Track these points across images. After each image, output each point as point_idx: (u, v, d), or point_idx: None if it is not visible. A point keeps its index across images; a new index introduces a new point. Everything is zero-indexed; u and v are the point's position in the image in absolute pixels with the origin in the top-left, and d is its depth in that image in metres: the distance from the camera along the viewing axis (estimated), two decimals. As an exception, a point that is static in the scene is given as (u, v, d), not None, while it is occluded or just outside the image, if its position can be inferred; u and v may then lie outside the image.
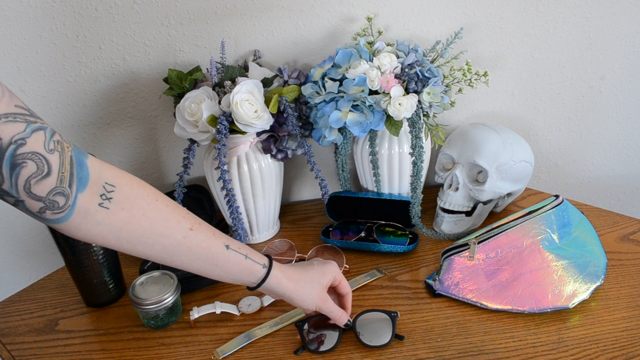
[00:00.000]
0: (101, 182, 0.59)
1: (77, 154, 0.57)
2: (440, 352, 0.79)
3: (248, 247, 0.73)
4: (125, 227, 0.61)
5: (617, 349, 0.77)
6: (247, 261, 0.71)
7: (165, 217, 0.64)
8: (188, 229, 0.66)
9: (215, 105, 0.93)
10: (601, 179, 1.31)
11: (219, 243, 0.68)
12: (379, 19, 1.06)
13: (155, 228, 0.63)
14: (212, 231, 0.69)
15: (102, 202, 0.59)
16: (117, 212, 0.60)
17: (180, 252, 0.66)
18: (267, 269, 0.73)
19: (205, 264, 0.68)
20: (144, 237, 0.63)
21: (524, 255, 0.85)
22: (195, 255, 0.67)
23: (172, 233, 0.64)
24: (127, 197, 0.61)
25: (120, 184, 0.60)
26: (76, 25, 0.99)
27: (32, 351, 0.85)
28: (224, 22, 1.03)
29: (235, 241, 0.71)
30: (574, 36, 1.13)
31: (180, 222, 0.65)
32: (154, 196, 0.64)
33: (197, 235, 0.66)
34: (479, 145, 1.01)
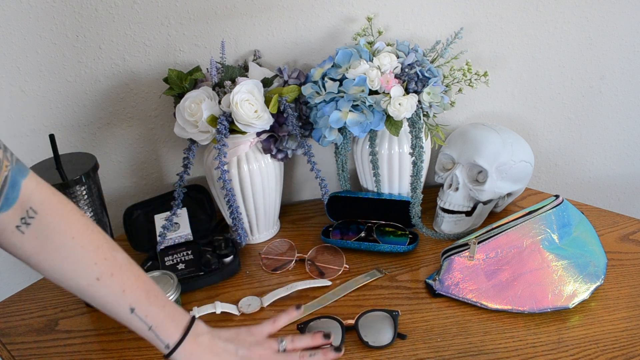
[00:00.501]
0: (27, 205, 0.58)
1: (14, 174, 0.56)
2: (440, 352, 0.79)
3: (164, 314, 0.65)
4: (34, 256, 0.60)
5: (617, 349, 0.77)
6: (149, 333, 0.65)
7: (75, 259, 0.61)
8: (95, 279, 0.62)
9: (215, 105, 0.93)
10: (601, 179, 1.30)
11: (124, 304, 0.64)
12: (379, 19, 1.06)
13: (61, 267, 0.61)
14: (124, 286, 0.63)
15: (20, 225, 0.58)
16: (29, 240, 0.59)
17: (84, 296, 0.64)
18: (169, 350, 0.65)
19: (113, 316, 0.65)
20: (51, 270, 0.61)
21: (524, 255, 0.85)
22: (99, 304, 0.64)
23: (76, 277, 0.62)
24: (45, 227, 0.59)
25: (44, 211, 0.59)
26: (76, 25, 0.99)
27: (32, 351, 0.85)
28: (224, 22, 1.03)
29: (151, 304, 0.65)
30: (574, 36, 1.13)
31: (90, 269, 0.62)
32: (72, 233, 0.60)
33: (102, 288, 0.62)
34: (479, 145, 1.01)
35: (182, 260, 0.99)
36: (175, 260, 0.99)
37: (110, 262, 0.63)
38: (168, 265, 0.97)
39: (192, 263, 0.98)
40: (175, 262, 0.98)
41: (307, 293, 0.93)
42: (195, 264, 0.98)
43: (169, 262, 0.98)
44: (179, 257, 0.99)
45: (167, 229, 1.01)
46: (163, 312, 0.66)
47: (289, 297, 0.92)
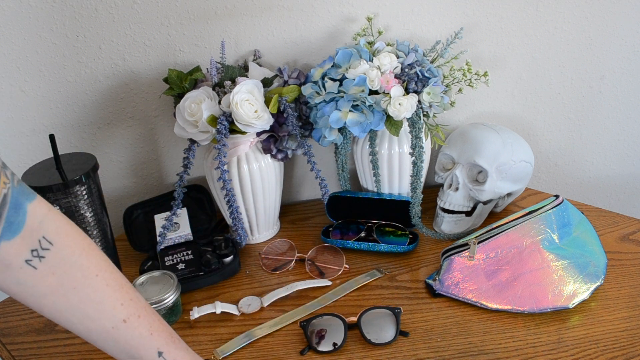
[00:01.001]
0: (38, 235, 0.49)
1: (16, 194, 0.48)
2: (440, 352, 0.79)
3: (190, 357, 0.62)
4: (50, 295, 0.51)
5: (617, 349, 0.77)
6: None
7: (100, 298, 0.54)
8: (121, 320, 0.56)
9: (215, 105, 0.93)
10: (601, 179, 1.31)
11: (152, 347, 0.58)
12: (379, 19, 1.06)
13: (83, 307, 0.54)
14: (152, 329, 0.58)
15: (32, 259, 0.49)
16: (45, 276, 0.50)
17: (106, 340, 0.57)
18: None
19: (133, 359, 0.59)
20: (68, 312, 0.53)
21: (524, 255, 0.85)
22: (120, 348, 0.57)
23: (100, 318, 0.55)
24: (63, 261, 0.51)
25: (61, 243, 0.51)
26: (76, 25, 0.99)
27: (32, 351, 0.85)
28: (224, 22, 1.03)
29: (177, 348, 0.61)
30: (574, 36, 1.13)
31: (116, 309, 0.55)
32: (95, 269, 0.54)
33: (129, 331, 0.56)
34: (479, 145, 1.01)
35: (182, 260, 0.99)
36: (175, 260, 0.99)
37: (136, 303, 0.58)
38: (168, 265, 0.97)
39: (192, 263, 0.98)
40: (175, 262, 0.98)
41: (307, 293, 0.93)
42: (195, 264, 0.98)
43: (169, 262, 0.98)
44: (179, 257, 0.99)
45: (167, 229, 1.01)
46: (188, 356, 0.62)
47: (288, 297, 0.92)
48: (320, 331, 0.82)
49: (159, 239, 1.00)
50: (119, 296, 0.56)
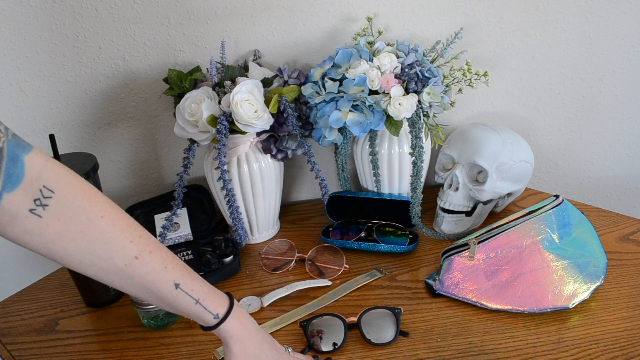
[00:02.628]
0: (39, 184, 0.50)
1: (12, 146, 0.49)
2: (440, 352, 0.79)
3: (207, 287, 0.64)
4: (58, 241, 0.53)
5: (617, 349, 0.77)
6: (196, 307, 0.62)
7: (108, 238, 0.55)
8: (133, 257, 0.57)
9: (215, 105, 0.93)
10: (601, 179, 1.31)
11: (167, 280, 0.59)
12: (379, 19, 1.06)
13: (93, 249, 0.55)
14: (165, 263, 0.59)
15: (35, 208, 0.50)
16: (50, 223, 0.51)
17: (121, 279, 0.58)
18: (218, 321, 0.64)
19: (149, 295, 0.60)
20: (80, 256, 0.55)
21: (524, 255, 0.85)
22: (137, 285, 0.58)
23: (112, 258, 0.56)
24: (67, 207, 0.52)
25: (62, 190, 0.52)
26: (76, 25, 0.99)
27: (32, 351, 0.85)
28: (224, 22, 1.03)
29: (193, 279, 0.62)
30: (574, 36, 1.13)
31: (126, 247, 0.56)
32: (99, 211, 0.55)
33: (142, 266, 0.57)
34: (479, 145, 1.01)
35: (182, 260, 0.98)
36: (175, 260, 0.98)
37: (145, 240, 0.58)
38: (168, 265, 0.97)
39: (192, 263, 0.98)
40: (175, 262, 0.98)
41: (307, 293, 0.93)
42: (195, 264, 0.98)
43: (169, 262, 0.98)
44: (179, 257, 0.99)
45: (167, 229, 1.01)
46: (206, 286, 0.64)
47: (289, 297, 0.92)
48: (320, 331, 0.82)
49: (159, 239, 1.00)
50: (127, 234, 0.56)
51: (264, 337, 0.69)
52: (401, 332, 0.82)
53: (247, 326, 0.67)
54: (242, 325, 0.67)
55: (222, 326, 0.65)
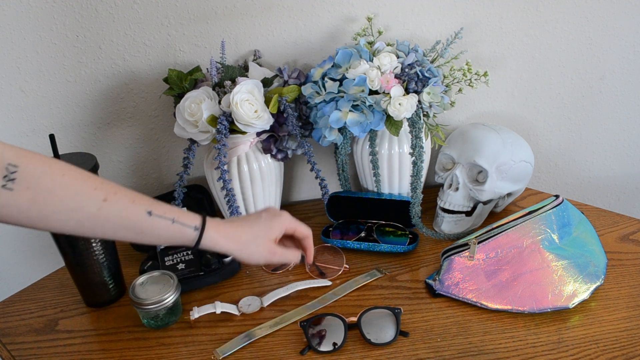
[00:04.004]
0: (4, 163, 0.57)
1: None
2: (440, 352, 0.79)
3: (177, 208, 0.69)
4: (32, 206, 0.59)
5: (617, 349, 0.77)
6: (174, 226, 0.68)
7: (74, 191, 0.61)
8: (102, 200, 0.63)
9: (215, 105, 0.93)
10: (601, 179, 1.31)
11: (139, 211, 0.65)
12: (379, 19, 1.06)
13: (65, 204, 0.61)
14: (132, 198, 0.65)
15: (5, 183, 0.57)
16: (21, 193, 0.58)
17: (98, 224, 0.63)
18: (199, 231, 0.70)
19: (130, 233, 0.66)
20: (55, 214, 0.61)
21: (524, 255, 0.85)
22: (115, 225, 0.64)
23: (83, 207, 0.62)
24: (31, 175, 0.59)
25: (24, 163, 0.58)
26: (76, 25, 0.99)
27: (32, 351, 0.85)
28: (224, 22, 1.03)
29: (161, 204, 0.67)
30: (574, 36, 1.13)
31: (92, 194, 0.62)
32: (60, 171, 0.61)
33: (113, 206, 0.63)
34: (479, 145, 1.01)
35: (182, 260, 0.99)
36: (175, 260, 0.99)
37: (107, 185, 0.64)
38: (168, 265, 0.97)
39: (192, 263, 0.98)
40: (175, 262, 0.98)
41: (307, 293, 0.93)
42: (195, 264, 0.98)
43: (169, 262, 0.98)
44: (179, 257, 0.99)
45: (167, 229, 1.00)
46: (176, 208, 0.69)
47: (289, 297, 0.92)
48: (320, 331, 0.82)
49: (159, 239, 1.00)
50: (90, 183, 0.63)
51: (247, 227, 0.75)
52: (401, 332, 0.82)
53: (228, 226, 0.73)
54: (223, 227, 0.72)
55: (205, 236, 0.70)
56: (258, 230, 0.75)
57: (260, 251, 0.75)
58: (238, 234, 0.74)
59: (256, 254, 0.75)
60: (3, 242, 1.16)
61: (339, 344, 0.80)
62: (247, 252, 0.74)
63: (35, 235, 1.17)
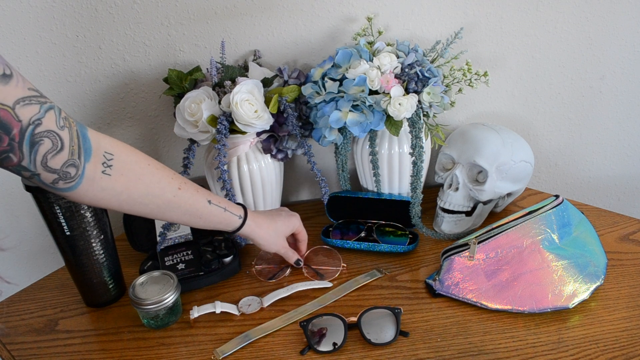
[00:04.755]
0: (101, 151, 0.65)
1: (80, 128, 0.63)
2: (440, 352, 0.79)
3: (226, 200, 0.83)
4: (125, 190, 0.67)
5: (617, 349, 0.77)
6: (225, 213, 0.81)
7: (158, 179, 0.71)
8: (177, 189, 0.74)
9: (215, 105, 0.93)
10: (601, 179, 1.31)
11: (202, 199, 0.78)
12: (379, 19, 1.06)
13: (150, 190, 0.70)
14: (196, 188, 0.77)
15: (105, 169, 0.65)
16: (117, 178, 0.66)
17: (171, 208, 0.74)
18: (242, 220, 0.84)
19: (192, 217, 0.77)
20: (141, 198, 0.70)
21: (524, 255, 0.85)
22: (183, 210, 0.75)
23: (164, 193, 0.72)
24: (125, 163, 0.67)
25: (118, 152, 0.67)
26: (76, 25, 0.99)
27: (32, 351, 0.85)
28: (224, 22, 1.03)
29: (215, 195, 0.80)
30: (574, 36, 1.13)
31: (171, 183, 0.73)
32: (146, 161, 0.70)
33: (184, 194, 0.75)
34: (479, 145, 1.01)
35: (182, 260, 0.99)
36: (175, 260, 0.99)
37: (178, 175, 0.76)
38: (168, 265, 0.97)
39: (192, 263, 0.98)
40: (175, 262, 0.98)
41: (308, 293, 0.93)
42: (195, 264, 0.98)
43: (169, 262, 0.98)
44: (179, 257, 0.99)
45: (167, 229, 1.01)
46: (225, 199, 0.83)
47: (289, 297, 0.92)
48: (320, 331, 0.82)
49: (159, 239, 1.00)
50: (168, 173, 0.73)
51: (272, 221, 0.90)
52: (401, 332, 0.82)
53: (260, 217, 0.88)
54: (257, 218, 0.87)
55: (246, 225, 0.84)
56: (279, 225, 0.91)
57: (277, 242, 0.91)
58: (266, 225, 0.88)
59: (273, 244, 0.90)
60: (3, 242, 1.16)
61: (339, 344, 0.80)
62: (269, 241, 0.89)
63: (35, 235, 1.17)
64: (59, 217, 0.83)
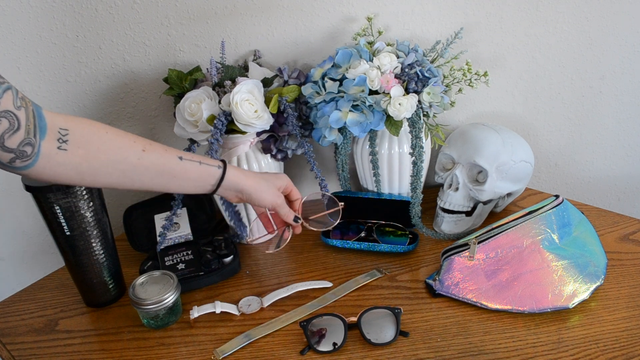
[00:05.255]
0: (56, 128, 0.64)
1: (36, 108, 0.63)
2: (440, 352, 0.79)
3: (200, 155, 0.79)
4: (84, 162, 0.67)
5: (617, 349, 0.77)
6: (202, 167, 0.77)
7: (118, 145, 0.70)
8: (141, 151, 0.72)
9: (215, 105, 0.93)
10: (601, 179, 1.31)
11: (172, 157, 0.75)
12: (379, 19, 1.06)
13: (111, 157, 0.69)
14: (164, 148, 0.75)
15: (60, 145, 0.65)
16: (74, 152, 0.66)
17: (139, 173, 0.72)
18: (222, 169, 0.79)
19: (164, 179, 0.74)
20: (103, 167, 0.69)
21: (524, 255, 0.85)
22: (152, 173, 0.73)
23: (126, 158, 0.70)
24: (81, 136, 0.66)
25: (73, 126, 0.66)
26: (76, 25, 0.99)
27: (32, 351, 0.85)
28: (224, 22, 1.03)
29: (188, 152, 0.77)
30: (574, 36, 1.13)
31: (132, 146, 0.71)
32: (104, 129, 0.69)
33: (150, 155, 0.72)
34: (479, 145, 1.01)
35: (182, 260, 0.99)
36: (175, 260, 0.99)
37: (141, 138, 0.73)
38: (168, 265, 0.97)
39: (192, 263, 0.98)
40: (175, 262, 0.98)
41: (307, 293, 0.93)
42: (195, 264, 0.98)
43: (169, 262, 0.98)
44: (179, 257, 0.99)
45: (167, 229, 1.01)
46: (198, 154, 0.79)
47: (289, 297, 0.92)
48: (320, 331, 0.82)
49: (159, 239, 1.00)
50: (130, 138, 0.72)
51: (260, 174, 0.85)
52: (401, 332, 0.82)
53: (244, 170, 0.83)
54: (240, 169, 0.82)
55: (228, 173, 0.79)
56: (268, 176, 0.85)
57: (271, 192, 0.84)
58: (252, 174, 0.83)
59: (267, 192, 0.83)
60: (3, 242, 1.16)
61: (339, 344, 0.80)
62: (261, 189, 0.83)
63: (35, 235, 1.17)
64: (59, 217, 0.83)
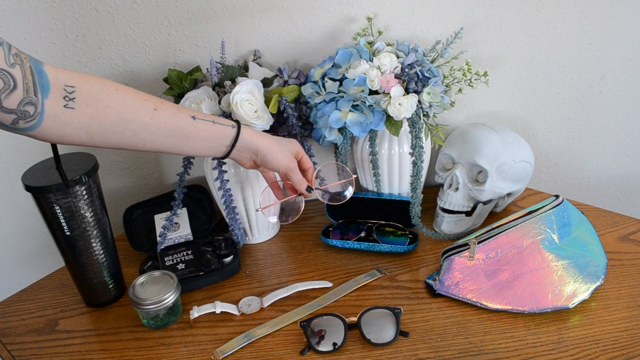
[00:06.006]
0: (61, 85, 0.61)
1: (34, 63, 0.59)
2: (440, 352, 0.79)
3: (213, 115, 0.78)
4: (93, 121, 0.64)
5: (617, 349, 0.77)
6: (215, 126, 0.75)
7: (129, 103, 0.67)
8: (153, 110, 0.69)
9: (215, 105, 0.93)
10: (601, 179, 1.31)
11: (185, 116, 0.72)
12: (379, 19, 1.06)
13: (121, 115, 0.66)
14: (177, 107, 0.72)
15: (67, 103, 0.62)
16: (82, 110, 0.63)
17: (151, 132, 0.69)
18: (236, 129, 0.77)
19: (177, 139, 0.72)
20: (113, 126, 0.66)
21: (524, 255, 0.85)
22: (165, 132, 0.70)
23: (138, 117, 0.67)
24: (89, 93, 0.63)
25: (79, 83, 0.63)
26: (76, 25, 0.99)
27: (32, 351, 0.85)
28: (224, 22, 1.03)
29: (201, 112, 0.75)
30: (574, 36, 1.13)
31: (144, 105, 0.68)
32: (113, 87, 0.66)
33: (162, 114, 0.70)
34: (479, 145, 1.01)
35: (182, 260, 0.99)
36: (175, 260, 0.99)
37: (153, 97, 0.70)
38: (168, 265, 0.97)
39: (192, 263, 0.98)
40: (175, 262, 0.98)
41: (307, 293, 0.93)
42: (195, 264, 0.98)
43: (169, 262, 0.98)
44: (179, 257, 0.99)
45: (167, 229, 1.01)
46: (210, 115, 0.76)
47: (289, 297, 0.92)
48: (320, 331, 0.82)
49: (159, 239, 1.00)
50: (140, 96, 0.68)
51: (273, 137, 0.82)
52: (401, 332, 0.82)
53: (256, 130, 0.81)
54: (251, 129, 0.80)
55: (242, 132, 0.77)
56: (281, 139, 0.83)
57: (285, 154, 0.81)
58: (266, 135, 0.81)
59: (281, 154, 0.80)
60: (3, 242, 1.16)
61: (339, 344, 0.80)
62: (275, 151, 0.80)
63: (34, 235, 1.17)
64: (59, 217, 0.83)
